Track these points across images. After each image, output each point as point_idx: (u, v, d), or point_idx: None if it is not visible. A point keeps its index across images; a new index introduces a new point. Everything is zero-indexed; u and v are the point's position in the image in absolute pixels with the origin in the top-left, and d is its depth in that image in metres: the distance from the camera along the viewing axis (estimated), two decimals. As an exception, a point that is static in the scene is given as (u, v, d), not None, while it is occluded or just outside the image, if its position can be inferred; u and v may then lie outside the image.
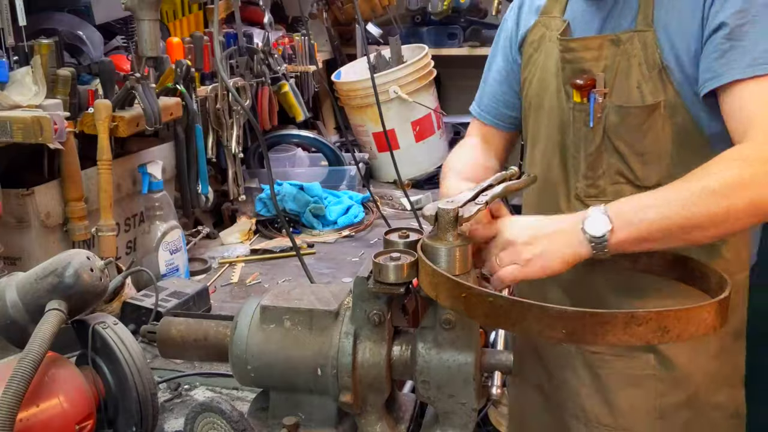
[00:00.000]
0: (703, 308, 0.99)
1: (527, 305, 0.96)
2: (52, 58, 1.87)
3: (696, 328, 0.98)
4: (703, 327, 0.99)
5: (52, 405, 1.11)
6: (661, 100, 1.35)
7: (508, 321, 0.98)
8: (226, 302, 2.08)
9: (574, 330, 0.95)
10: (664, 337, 0.95)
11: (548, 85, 1.53)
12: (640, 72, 1.36)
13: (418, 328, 1.14)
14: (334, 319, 1.14)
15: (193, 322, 1.26)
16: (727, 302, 1.04)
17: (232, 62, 2.74)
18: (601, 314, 0.95)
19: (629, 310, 0.95)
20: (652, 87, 1.36)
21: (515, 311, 0.97)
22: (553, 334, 0.95)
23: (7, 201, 1.78)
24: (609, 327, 0.94)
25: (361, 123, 3.24)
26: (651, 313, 0.95)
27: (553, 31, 1.52)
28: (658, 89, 1.36)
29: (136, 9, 1.95)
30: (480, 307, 0.99)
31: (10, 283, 1.25)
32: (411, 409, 1.23)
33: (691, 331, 0.98)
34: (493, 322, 1.01)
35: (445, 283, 1.03)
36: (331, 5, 3.74)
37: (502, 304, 0.97)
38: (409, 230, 1.19)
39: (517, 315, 0.97)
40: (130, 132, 1.99)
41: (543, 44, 1.55)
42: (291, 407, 1.18)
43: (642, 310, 0.95)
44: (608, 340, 0.95)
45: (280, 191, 2.68)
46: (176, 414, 1.47)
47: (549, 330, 0.95)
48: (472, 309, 1.00)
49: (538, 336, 0.97)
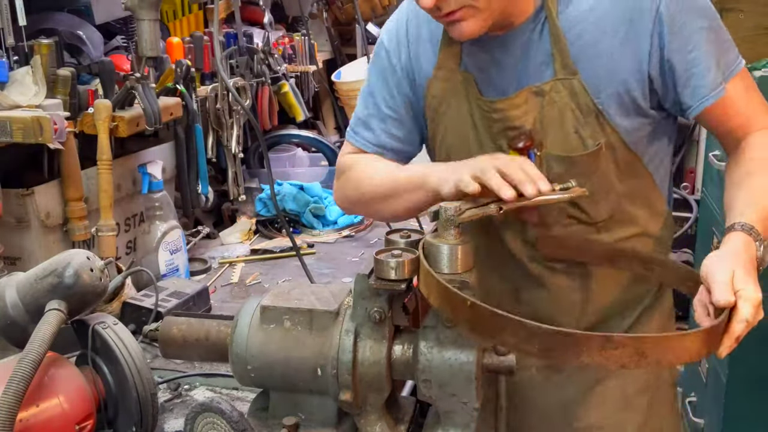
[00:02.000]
0: (685, 337, 0.98)
1: (506, 318, 0.96)
2: (52, 58, 1.87)
3: (677, 356, 0.98)
4: (687, 355, 0.99)
5: (52, 405, 1.11)
6: (601, 141, 1.35)
7: (487, 331, 0.99)
8: (226, 302, 2.08)
9: (548, 347, 0.95)
10: (641, 362, 0.95)
11: (466, 140, 1.44)
12: (575, 118, 1.34)
13: (420, 327, 1.14)
14: (334, 319, 1.14)
15: (194, 322, 1.26)
16: (719, 329, 1.03)
17: (232, 62, 2.74)
18: (575, 335, 0.95)
19: (605, 333, 0.95)
20: (590, 131, 1.35)
21: (495, 323, 0.97)
22: (528, 348, 0.96)
23: (7, 201, 1.78)
24: (583, 348, 0.94)
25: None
26: (627, 338, 0.95)
27: (456, 85, 1.42)
28: (597, 132, 1.35)
29: (136, 9, 1.95)
30: (463, 314, 1.00)
31: (10, 283, 1.24)
32: (411, 410, 1.23)
33: (671, 358, 0.98)
34: (474, 331, 1.02)
35: (435, 285, 1.03)
36: (331, 5, 3.74)
37: (483, 314, 0.97)
38: (410, 231, 1.19)
39: (495, 326, 0.97)
40: (130, 132, 1.99)
41: (446, 99, 1.44)
42: (291, 407, 1.18)
43: (618, 334, 0.95)
44: (583, 360, 0.95)
45: (280, 191, 2.68)
46: (176, 414, 1.47)
47: (525, 344, 0.95)
48: (457, 315, 1.01)
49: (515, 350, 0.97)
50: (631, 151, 1.38)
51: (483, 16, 1.26)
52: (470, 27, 1.27)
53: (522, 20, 1.34)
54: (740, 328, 1.05)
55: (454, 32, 1.30)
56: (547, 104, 1.35)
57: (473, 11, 1.25)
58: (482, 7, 1.25)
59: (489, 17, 1.27)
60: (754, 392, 2.33)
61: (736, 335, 1.05)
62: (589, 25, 1.32)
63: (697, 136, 3.93)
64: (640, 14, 1.29)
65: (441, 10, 1.25)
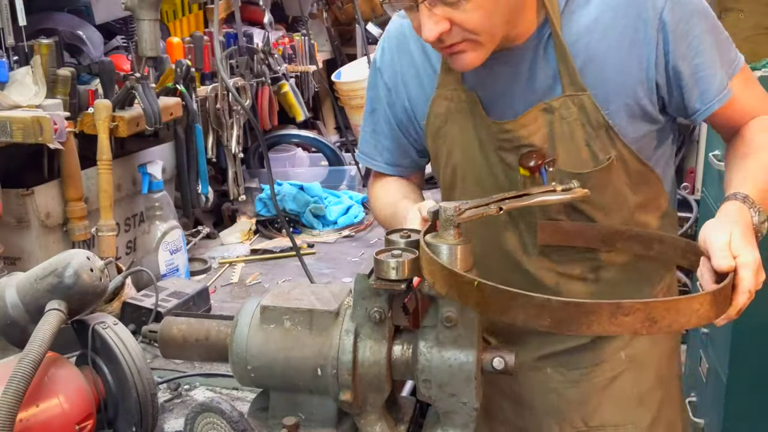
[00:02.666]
0: (694, 299, 0.98)
1: (513, 294, 0.96)
2: (52, 58, 1.87)
3: (687, 319, 0.98)
4: (695, 318, 0.99)
5: (52, 405, 1.11)
6: (612, 155, 1.35)
7: (497, 310, 0.99)
8: (226, 302, 2.08)
9: (560, 319, 0.95)
10: (653, 328, 0.94)
11: (473, 157, 1.44)
12: (585, 133, 1.35)
13: (419, 327, 1.14)
14: (334, 319, 1.14)
15: (194, 322, 1.26)
16: (726, 292, 1.04)
17: (232, 62, 2.74)
18: (585, 304, 0.95)
19: (615, 301, 0.94)
20: (600, 145, 1.35)
21: (502, 300, 0.97)
22: (539, 322, 0.95)
23: (7, 201, 1.78)
24: (594, 317, 0.94)
25: (361, 123, 3.23)
26: (638, 303, 0.94)
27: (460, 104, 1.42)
28: (607, 146, 1.35)
29: (136, 9, 1.95)
30: (471, 295, 1.00)
31: (10, 283, 1.24)
32: (411, 411, 1.23)
33: (682, 322, 0.98)
34: (483, 310, 1.02)
35: (440, 271, 1.04)
36: (331, 5, 3.74)
37: (490, 292, 0.98)
38: (410, 231, 1.19)
39: (503, 303, 0.97)
40: (130, 132, 1.99)
41: (451, 117, 1.44)
42: (291, 407, 1.18)
43: (628, 300, 0.94)
44: (594, 329, 0.94)
45: (280, 191, 2.68)
46: (176, 414, 1.47)
47: (535, 319, 0.95)
48: (465, 297, 1.02)
49: (525, 324, 0.97)
50: (641, 161, 1.39)
51: (485, 48, 1.27)
52: (471, 58, 1.28)
53: (525, 38, 1.34)
54: (743, 299, 1.07)
55: (456, 64, 1.31)
56: (557, 121, 1.35)
57: (474, 44, 1.26)
58: (484, 41, 1.25)
59: (491, 47, 1.28)
60: (754, 392, 2.33)
61: (740, 307, 1.07)
62: (593, 38, 1.32)
63: (697, 136, 3.93)
64: (643, 24, 1.30)
65: (443, 42, 1.26)
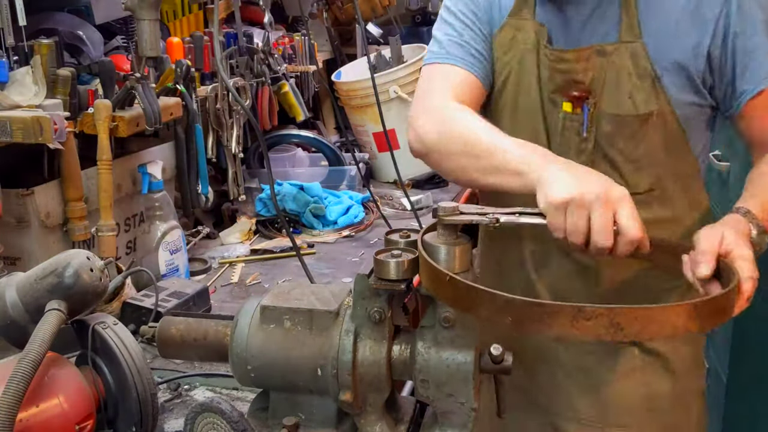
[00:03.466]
0: (668, 309, 0.94)
1: (480, 291, 0.98)
2: (52, 58, 1.87)
3: (659, 329, 0.93)
4: (670, 329, 0.93)
5: (51, 405, 1.11)
6: (654, 109, 1.37)
7: (465, 305, 1.01)
8: (226, 302, 2.08)
9: (520, 318, 0.95)
10: (618, 335, 0.91)
11: (527, 89, 1.47)
12: (631, 82, 1.37)
13: (418, 327, 1.14)
14: (334, 319, 1.14)
15: (193, 322, 1.26)
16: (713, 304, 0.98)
17: (232, 62, 2.73)
18: (546, 305, 0.95)
19: (578, 304, 0.92)
20: (644, 96, 1.37)
21: (470, 296, 0.99)
22: (501, 319, 0.96)
23: (7, 201, 1.78)
24: (555, 318, 0.93)
25: (361, 123, 3.24)
26: (601, 308, 0.91)
27: (528, 34, 1.46)
28: (651, 99, 1.37)
29: (136, 9, 1.94)
30: (444, 289, 1.03)
31: (10, 283, 1.24)
32: (411, 411, 1.23)
33: (653, 332, 0.93)
34: (456, 306, 1.04)
35: (424, 265, 1.06)
36: (331, 5, 3.74)
37: (461, 288, 1.00)
38: (410, 231, 1.19)
39: (471, 300, 0.99)
40: (130, 132, 1.99)
41: (515, 47, 1.48)
42: (291, 407, 1.18)
43: (591, 305, 0.91)
44: (555, 331, 0.93)
45: (280, 191, 2.68)
46: (176, 414, 1.47)
47: (497, 316, 0.96)
48: (440, 291, 1.04)
49: (488, 321, 0.98)
50: (680, 126, 1.40)
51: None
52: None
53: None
54: (749, 286, 1.07)
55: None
56: (608, 65, 1.38)
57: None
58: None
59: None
60: (754, 392, 2.34)
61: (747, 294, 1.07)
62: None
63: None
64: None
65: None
